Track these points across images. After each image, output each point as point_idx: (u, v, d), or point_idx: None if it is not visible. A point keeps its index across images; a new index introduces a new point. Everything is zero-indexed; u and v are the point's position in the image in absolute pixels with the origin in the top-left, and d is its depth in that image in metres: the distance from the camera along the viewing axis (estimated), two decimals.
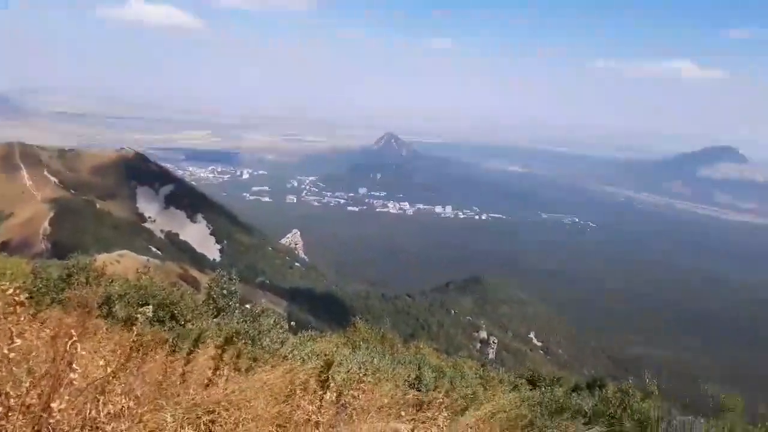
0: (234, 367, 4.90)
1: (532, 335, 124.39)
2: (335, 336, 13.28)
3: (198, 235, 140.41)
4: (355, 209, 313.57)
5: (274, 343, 7.81)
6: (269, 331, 8.22)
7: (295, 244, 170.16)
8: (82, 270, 9.73)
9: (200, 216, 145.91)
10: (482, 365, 14.23)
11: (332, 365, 4.20)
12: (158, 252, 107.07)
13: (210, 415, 3.88)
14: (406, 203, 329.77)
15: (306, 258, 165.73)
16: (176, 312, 8.86)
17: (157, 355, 5.30)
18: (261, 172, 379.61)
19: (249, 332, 7.90)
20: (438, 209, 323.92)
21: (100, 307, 8.07)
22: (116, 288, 9.05)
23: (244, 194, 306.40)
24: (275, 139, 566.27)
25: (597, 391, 11.23)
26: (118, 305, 8.17)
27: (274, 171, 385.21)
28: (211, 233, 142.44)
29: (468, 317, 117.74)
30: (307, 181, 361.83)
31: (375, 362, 8.42)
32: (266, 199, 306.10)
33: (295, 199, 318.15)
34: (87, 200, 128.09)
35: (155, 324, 8.00)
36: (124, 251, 76.87)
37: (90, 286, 9.12)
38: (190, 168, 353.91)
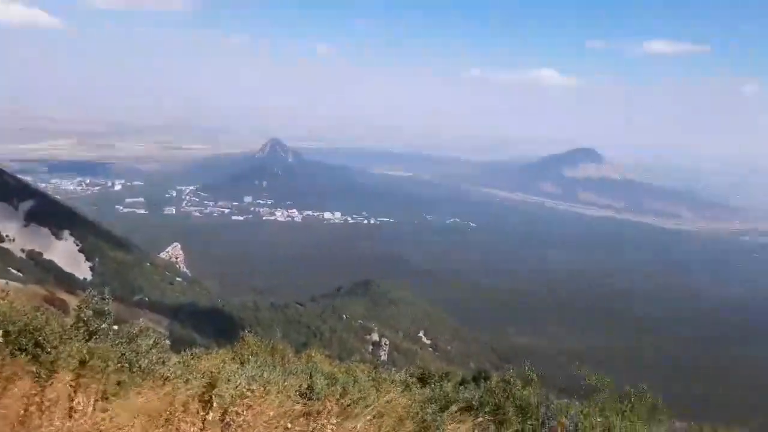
0: (104, 394, 4.53)
1: (422, 334, 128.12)
2: (222, 352, 12.76)
3: (65, 254, 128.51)
4: (241, 218, 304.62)
5: (154, 365, 7.33)
6: (148, 352, 7.70)
7: (176, 258, 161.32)
8: None
9: (67, 232, 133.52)
10: (375, 367, 14.37)
11: (214, 383, 4.02)
12: (19, 274, 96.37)
13: None
14: (294, 210, 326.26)
15: (188, 272, 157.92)
16: (41, 338, 8.01)
17: (17, 387, 4.79)
18: (135, 183, 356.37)
19: (125, 354, 7.35)
20: (327, 215, 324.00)
21: None
22: None
23: (117, 207, 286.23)
24: (151, 148, 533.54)
25: (483, 383, 11.79)
26: None
27: (151, 181, 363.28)
28: (80, 250, 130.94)
29: (360, 321, 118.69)
30: (188, 191, 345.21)
31: (265, 375, 8.20)
32: (142, 212, 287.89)
33: (175, 210, 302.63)
34: None
35: (16, 353, 7.21)
36: None
37: None
38: (54, 180, 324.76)
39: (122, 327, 9.36)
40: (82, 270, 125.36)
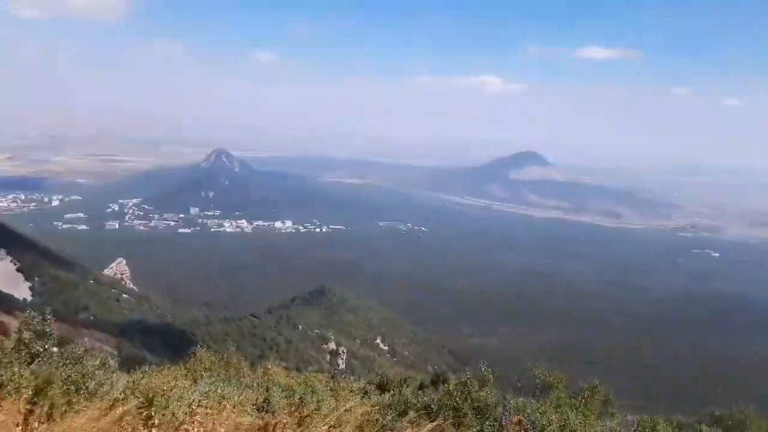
0: (49, 417, 4.30)
1: (379, 340, 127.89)
2: (174, 368, 12.37)
3: (2, 274, 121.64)
4: (188, 231, 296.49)
5: (102, 386, 7.03)
6: (94, 373, 7.37)
7: (121, 274, 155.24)
8: None
9: (3, 251, 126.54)
10: (332, 376, 14.26)
11: (153, 400, 3.89)
12: None
13: None
14: (244, 221, 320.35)
15: (135, 288, 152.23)
16: None
17: None
18: (74, 198, 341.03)
19: (71, 376, 7.01)
20: (278, 224, 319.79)
21: None
22: None
23: (56, 223, 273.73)
24: (88, 161, 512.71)
25: (441, 386, 11.88)
26: None
27: (90, 196, 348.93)
28: (19, 270, 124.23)
29: (316, 330, 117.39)
30: (131, 204, 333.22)
31: (219, 391, 8.00)
32: (83, 227, 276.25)
33: (117, 225, 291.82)
34: None
35: None
36: None
37: None
38: None
39: (67, 348, 8.94)
40: (22, 290, 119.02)
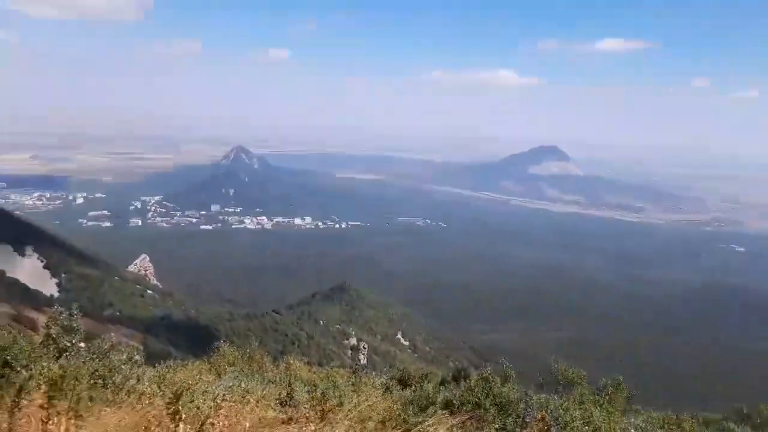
0: (77, 412, 4.38)
1: (400, 336, 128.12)
2: (198, 363, 12.53)
3: (30, 271, 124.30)
4: (209, 227, 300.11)
5: (128, 380, 7.14)
6: (121, 368, 7.49)
7: (145, 270, 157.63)
8: None
9: (30, 249, 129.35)
10: (354, 372, 14.32)
11: (181, 395, 3.92)
12: None
13: None
14: (264, 217, 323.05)
15: (159, 284, 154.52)
16: (9, 358, 7.73)
17: None
18: (98, 196, 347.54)
19: (98, 371, 7.14)
20: (297, 221, 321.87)
21: None
22: None
23: (81, 221, 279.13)
24: (110, 159, 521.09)
25: (462, 382, 11.85)
26: None
27: (113, 193, 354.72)
28: (46, 267, 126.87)
29: (337, 326, 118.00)
30: (153, 202, 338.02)
31: (242, 385, 8.08)
32: (106, 224, 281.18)
33: (141, 222, 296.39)
34: None
35: None
36: None
37: None
38: (13, 196, 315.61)
39: (94, 343, 9.10)
40: (49, 287, 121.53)
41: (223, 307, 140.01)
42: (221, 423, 4.52)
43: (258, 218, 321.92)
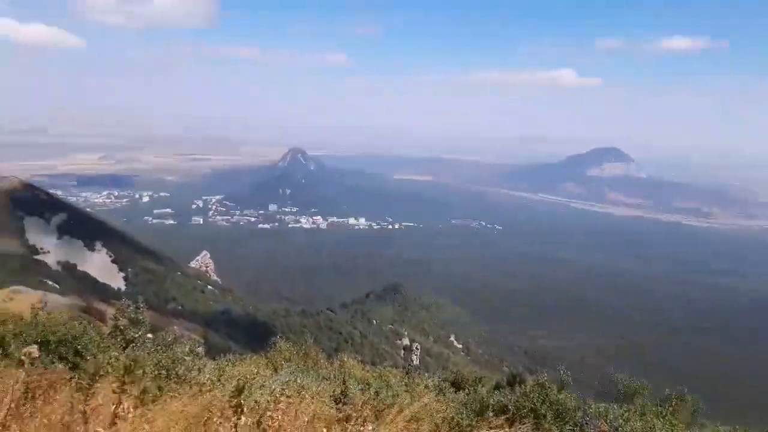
0: (141, 400, 4.57)
1: (453, 338, 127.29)
2: (256, 358, 12.85)
3: (99, 265, 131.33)
4: (267, 226, 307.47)
5: (190, 371, 7.40)
6: (184, 359, 7.78)
7: (206, 267, 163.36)
8: None
9: (99, 244, 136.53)
10: (406, 372, 14.30)
11: (243, 389, 4.01)
12: (56, 285, 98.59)
13: None
14: (319, 217, 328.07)
15: (219, 280, 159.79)
16: (80, 347, 8.18)
17: (60, 395, 4.86)
18: (162, 194, 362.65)
19: (162, 362, 7.44)
20: (351, 221, 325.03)
21: None
22: (10, 327, 8.22)
23: (146, 218, 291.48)
24: (174, 160, 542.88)
25: (517, 387, 11.62)
26: (14, 345, 7.42)
27: (177, 192, 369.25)
28: (114, 261, 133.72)
29: (390, 326, 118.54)
30: (214, 201, 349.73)
31: (298, 381, 8.22)
32: (170, 222, 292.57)
33: (202, 220, 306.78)
34: None
35: (56, 362, 7.36)
36: (17, 287, 70.21)
37: None
38: (84, 194, 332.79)
39: (157, 335, 9.50)
40: (116, 280, 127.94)
41: (280, 304, 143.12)
42: (280, 416, 4.61)
43: (313, 218, 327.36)
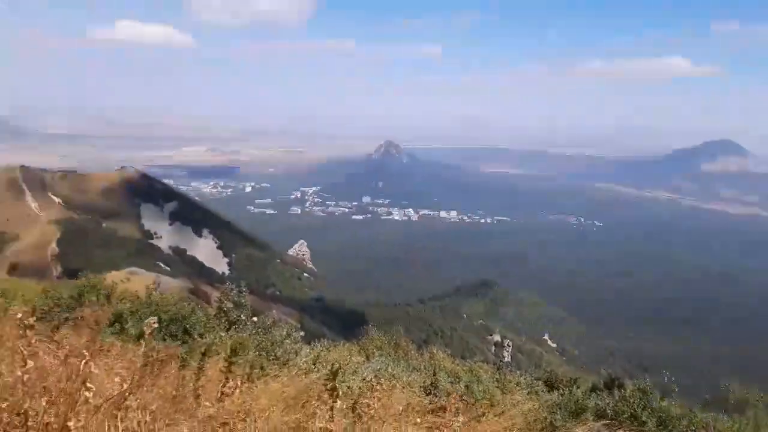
0: (246, 379, 4.84)
1: (546, 336, 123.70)
2: (348, 345, 13.19)
3: (206, 250, 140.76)
4: (360, 218, 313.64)
5: (288, 354, 7.74)
6: (282, 342, 8.15)
7: (303, 255, 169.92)
8: (93, 289, 9.70)
9: (206, 231, 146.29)
10: (498, 368, 14.06)
11: (338, 373, 4.12)
12: (167, 268, 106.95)
13: (225, 427, 3.82)
14: (411, 209, 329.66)
15: (314, 268, 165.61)
16: (188, 326, 8.80)
17: (171, 370, 5.25)
18: (263, 185, 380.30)
19: (262, 343, 7.84)
20: (443, 214, 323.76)
21: (113, 325, 8.03)
22: (127, 305, 9.00)
23: (249, 207, 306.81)
24: (274, 152, 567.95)
25: (616, 391, 11.07)
26: (130, 322, 8.13)
27: (276, 183, 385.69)
28: (219, 247, 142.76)
29: (480, 321, 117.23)
30: (310, 192, 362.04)
31: (389, 369, 8.34)
32: (270, 212, 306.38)
33: (299, 210, 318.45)
34: (93, 220, 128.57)
35: (167, 339, 7.95)
36: (133, 269, 76.77)
37: (101, 305, 9.09)
38: (193, 184, 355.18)
39: (258, 318, 10.01)
40: (221, 265, 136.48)
41: (372, 294, 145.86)
42: (375, 404, 4.70)
43: (405, 210, 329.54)
